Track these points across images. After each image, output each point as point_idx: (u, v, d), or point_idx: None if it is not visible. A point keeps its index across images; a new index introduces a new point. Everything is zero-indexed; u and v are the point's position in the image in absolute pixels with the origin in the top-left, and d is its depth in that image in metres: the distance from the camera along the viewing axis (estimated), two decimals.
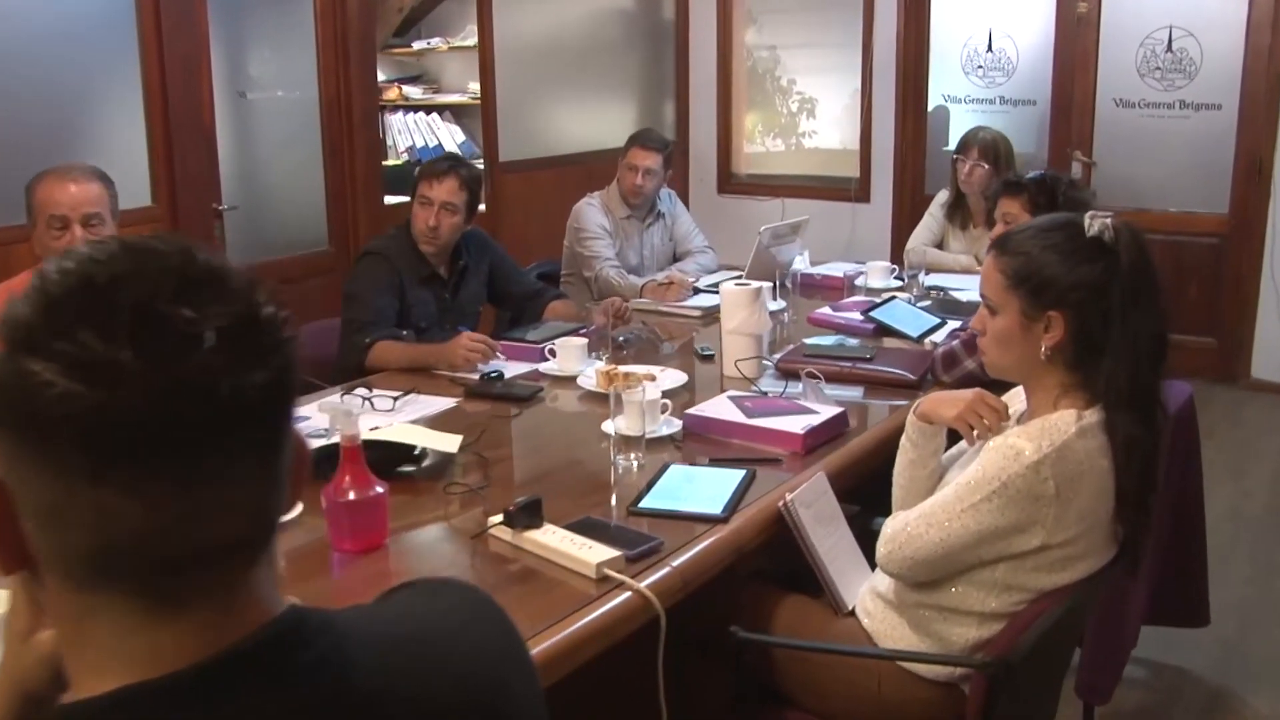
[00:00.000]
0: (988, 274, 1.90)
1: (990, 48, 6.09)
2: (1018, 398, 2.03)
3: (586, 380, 2.83)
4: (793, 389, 2.71)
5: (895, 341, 3.24)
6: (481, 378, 2.87)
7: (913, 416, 2.06)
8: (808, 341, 3.08)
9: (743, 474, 2.18)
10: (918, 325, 3.31)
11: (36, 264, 2.61)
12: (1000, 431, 1.91)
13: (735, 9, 6.77)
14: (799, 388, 2.70)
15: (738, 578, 2.13)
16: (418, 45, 6.08)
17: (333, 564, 1.89)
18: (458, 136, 6.12)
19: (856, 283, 4.06)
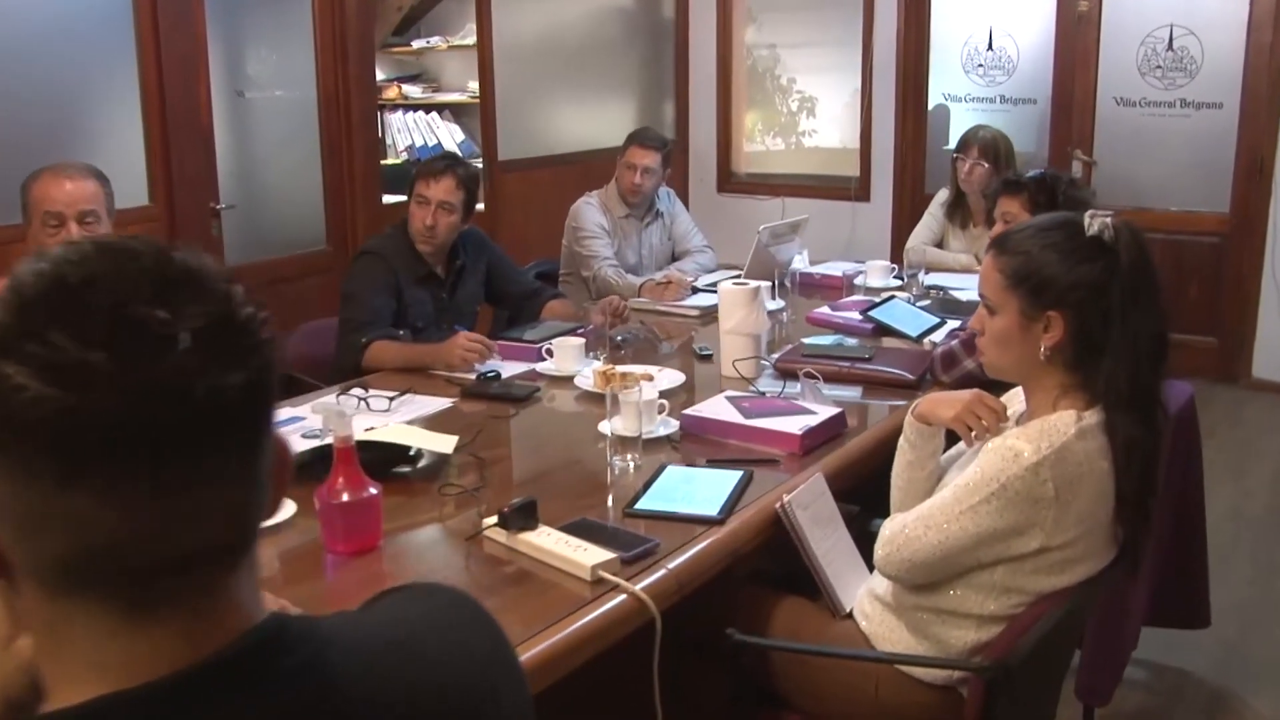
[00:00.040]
0: (986, 273, 1.89)
1: (990, 46, 6.08)
2: (1017, 398, 2.01)
3: (584, 380, 2.82)
4: (791, 389, 2.70)
5: (894, 341, 3.22)
6: (478, 378, 2.86)
7: (911, 417, 2.05)
8: (806, 341, 3.07)
9: (740, 475, 2.16)
10: (917, 325, 3.30)
11: None
12: (999, 432, 1.89)
13: (735, 7, 6.75)
14: (797, 388, 2.68)
15: (735, 579, 2.11)
16: (417, 44, 6.07)
17: (326, 566, 1.88)
18: (457, 135, 6.11)
19: (856, 282, 4.05)
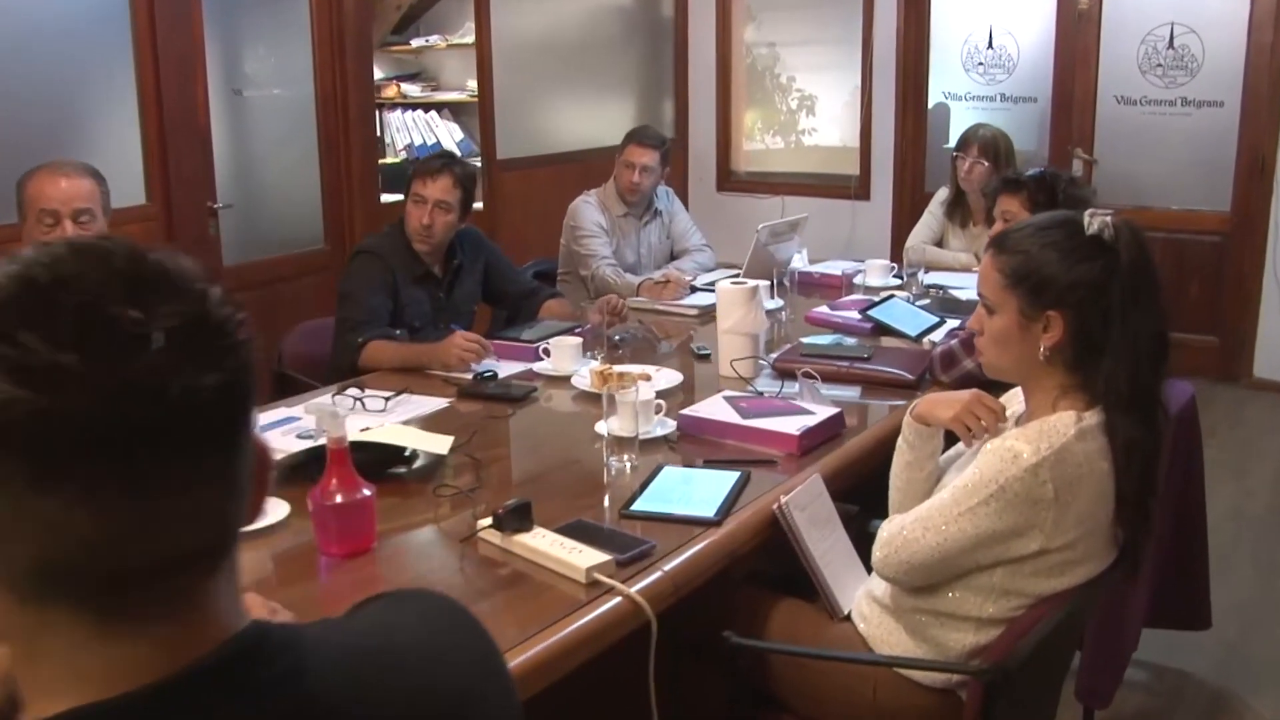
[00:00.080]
0: (985, 273, 1.87)
1: (991, 44, 6.06)
2: (1016, 398, 2.00)
3: (581, 380, 2.80)
4: (789, 389, 2.68)
5: (893, 341, 3.21)
6: (475, 378, 2.84)
7: (909, 418, 2.03)
8: (805, 341, 3.05)
9: (737, 476, 2.15)
10: (916, 324, 3.28)
11: None
12: (998, 433, 1.88)
13: (734, 6, 6.73)
14: (795, 388, 2.66)
15: (733, 581, 2.10)
16: (416, 43, 6.06)
17: (320, 568, 1.86)
18: (456, 134, 6.09)
19: (855, 281, 4.03)
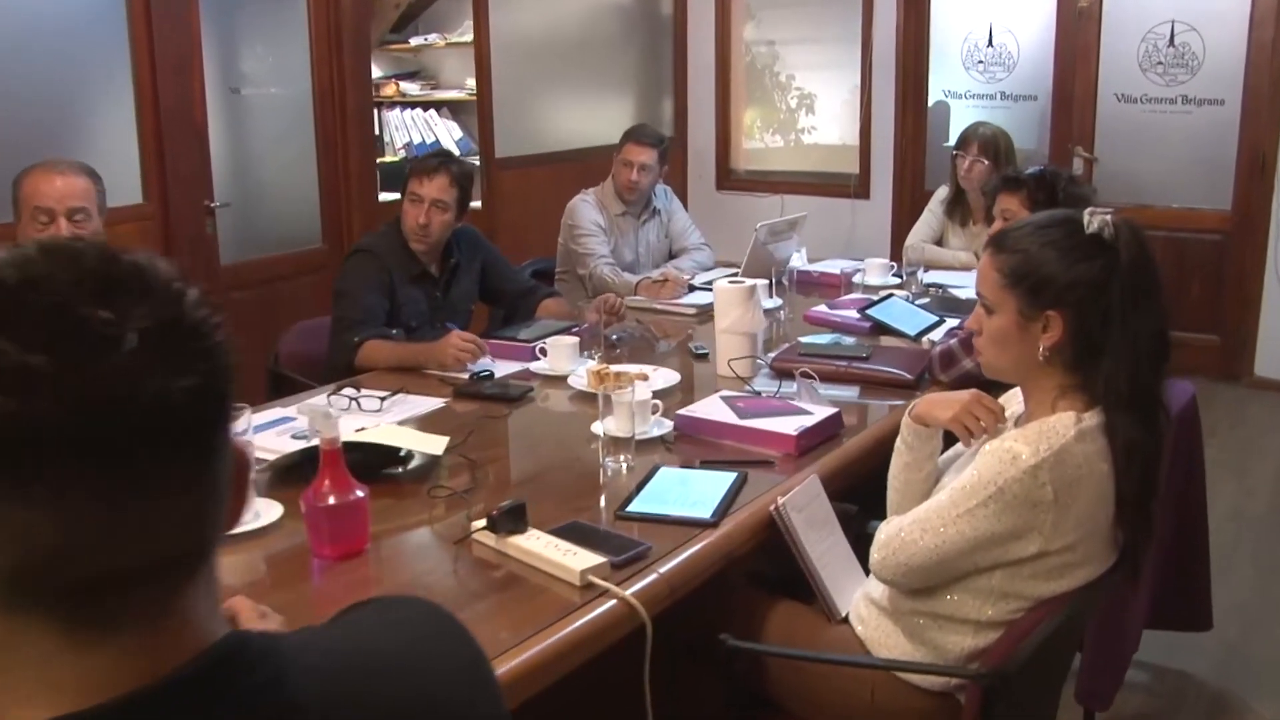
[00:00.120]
0: (984, 272, 1.85)
1: (991, 42, 6.04)
2: (1015, 399, 1.98)
3: (577, 380, 2.78)
4: (787, 389, 2.67)
5: (892, 340, 3.19)
6: (471, 377, 2.83)
7: (908, 418, 2.01)
8: (803, 340, 3.03)
9: (734, 477, 2.13)
10: (915, 323, 3.26)
11: None
12: (997, 434, 1.86)
13: (734, 4, 6.71)
14: (793, 387, 2.65)
15: (730, 583, 2.08)
16: (415, 41, 6.04)
17: (313, 570, 1.84)
18: (455, 133, 6.07)
19: (854, 280, 4.01)
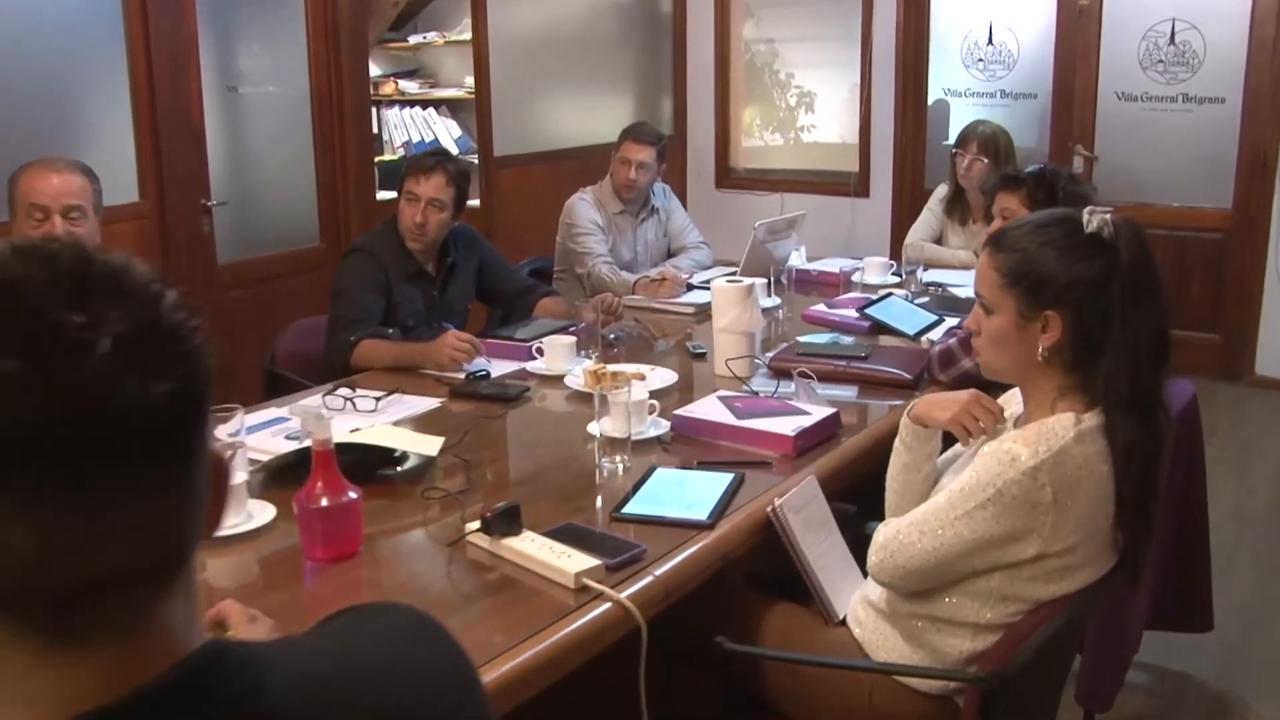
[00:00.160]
0: (983, 272, 1.83)
1: (991, 40, 6.02)
2: (1015, 399, 1.97)
3: (574, 380, 2.76)
4: (785, 389, 2.65)
5: (891, 339, 3.17)
6: (467, 377, 2.81)
7: (906, 419, 2.00)
8: (801, 340, 3.01)
9: (731, 478, 2.11)
10: (914, 323, 3.24)
11: None
12: (996, 434, 1.84)
13: (733, 2, 6.69)
14: (791, 387, 2.63)
15: (727, 584, 2.07)
16: (414, 39, 6.04)
17: (305, 573, 1.83)
18: (454, 131, 6.06)
19: (853, 279, 3.99)
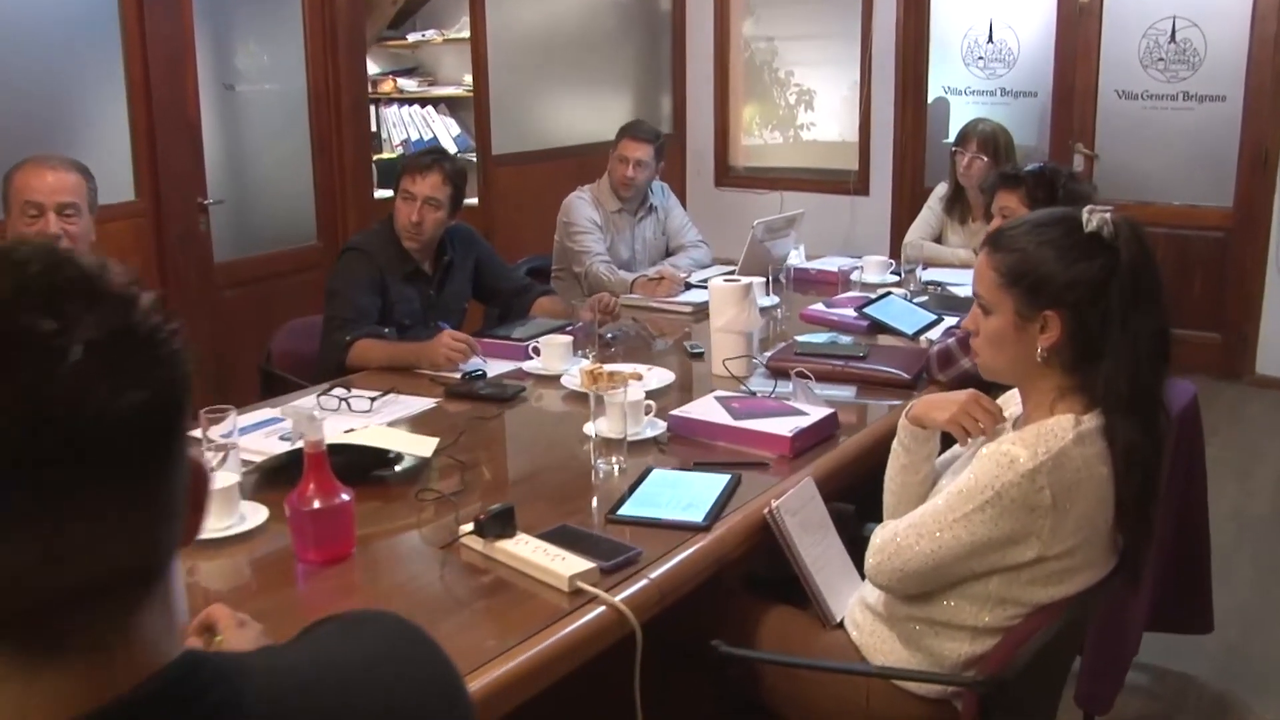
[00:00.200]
0: (981, 271, 1.82)
1: (991, 38, 6.00)
2: (1014, 400, 1.95)
3: (570, 380, 2.75)
4: (783, 389, 2.63)
5: (890, 339, 3.16)
6: (463, 377, 2.79)
7: (904, 420, 1.98)
8: (799, 339, 2.99)
9: (727, 479, 2.09)
10: (913, 322, 3.22)
11: None
12: (996, 435, 1.83)
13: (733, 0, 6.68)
14: (789, 387, 2.61)
15: (724, 586, 2.05)
16: (412, 37, 6.01)
17: (297, 575, 1.81)
18: (453, 129, 6.04)
19: (852, 278, 3.97)
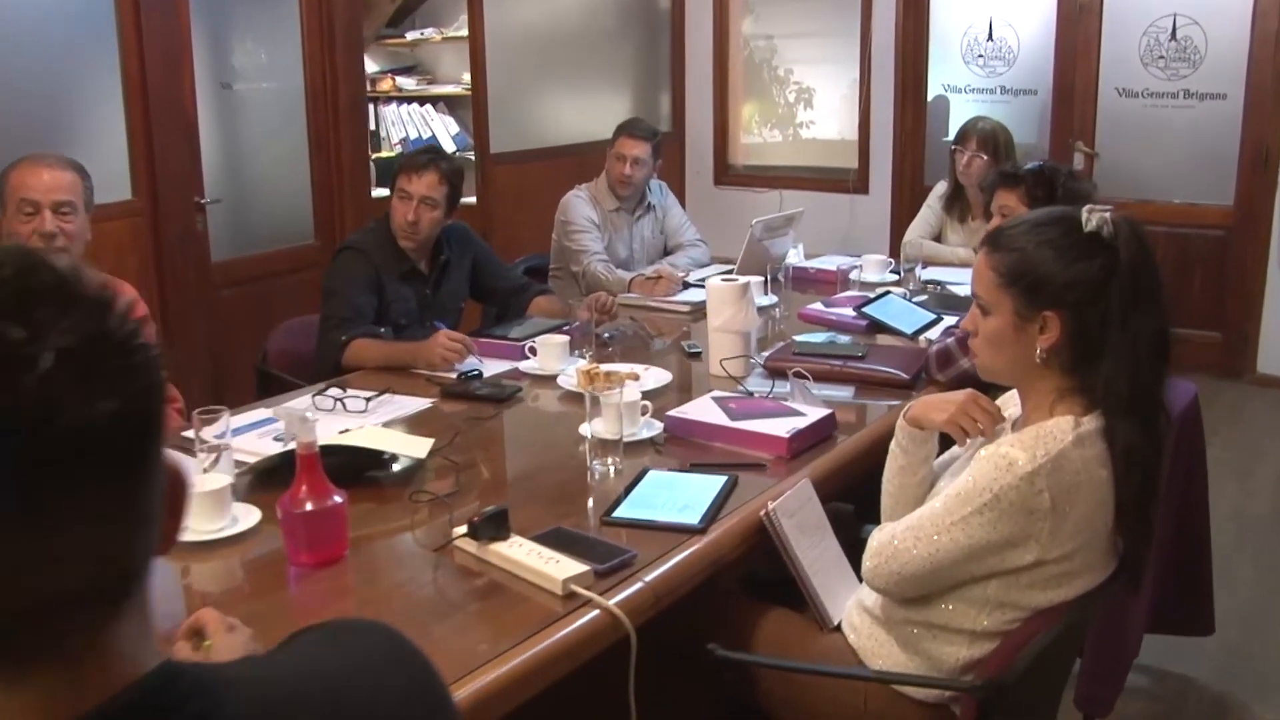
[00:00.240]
0: (979, 271, 1.80)
1: (991, 36, 5.98)
2: (1013, 401, 1.93)
3: (567, 380, 2.73)
4: (780, 389, 2.61)
5: (889, 339, 3.14)
6: (459, 377, 2.78)
7: (902, 421, 1.96)
8: (797, 339, 2.97)
9: (724, 480, 2.08)
10: (912, 321, 3.21)
11: None
12: (995, 436, 1.81)
13: None
14: (786, 387, 2.60)
15: (721, 588, 2.03)
16: (411, 36, 6.00)
17: (289, 578, 1.80)
18: (452, 128, 6.03)
19: (851, 277, 3.95)
